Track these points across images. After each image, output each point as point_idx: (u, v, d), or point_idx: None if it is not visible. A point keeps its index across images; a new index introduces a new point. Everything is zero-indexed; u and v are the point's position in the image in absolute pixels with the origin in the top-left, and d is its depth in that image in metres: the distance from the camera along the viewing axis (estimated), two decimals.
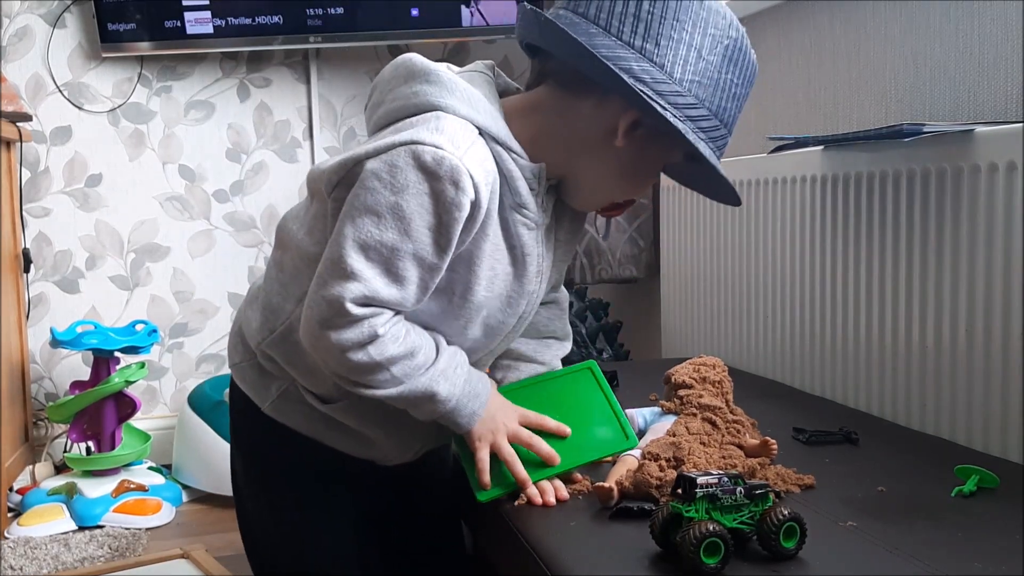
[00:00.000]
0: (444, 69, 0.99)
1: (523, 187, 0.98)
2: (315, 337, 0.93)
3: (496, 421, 1.03)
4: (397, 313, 0.95)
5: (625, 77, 0.91)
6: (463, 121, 0.94)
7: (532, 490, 1.02)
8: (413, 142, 0.90)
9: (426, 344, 0.98)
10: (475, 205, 0.92)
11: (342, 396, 1.04)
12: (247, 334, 1.07)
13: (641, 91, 0.91)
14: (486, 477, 1.03)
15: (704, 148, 0.95)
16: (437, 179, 0.89)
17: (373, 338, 0.92)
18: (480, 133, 0.95)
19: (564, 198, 1.05)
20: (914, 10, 1.46)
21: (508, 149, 0.97)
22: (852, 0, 1.60)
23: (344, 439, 1.07)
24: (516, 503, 1.03)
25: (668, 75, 0.93)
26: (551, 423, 1.07)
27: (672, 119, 0.92)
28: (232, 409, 1.14)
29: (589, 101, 0.98)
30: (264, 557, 1.15)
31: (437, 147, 0.89)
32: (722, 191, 1.03)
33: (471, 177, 0.90)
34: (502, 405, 1.06)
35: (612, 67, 0.91)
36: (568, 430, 1.07)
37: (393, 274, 0.91)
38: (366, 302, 0.91)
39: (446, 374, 0.98)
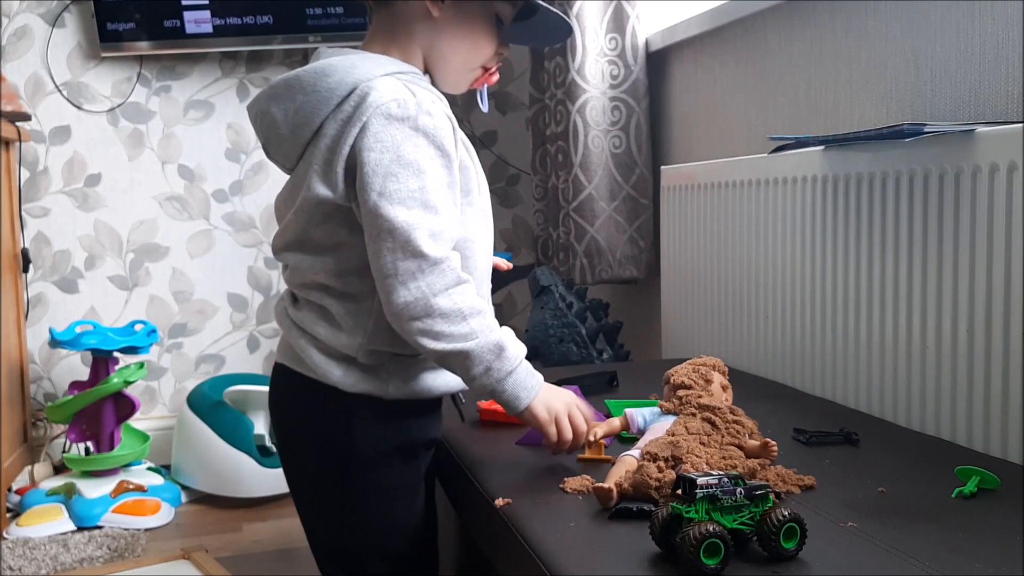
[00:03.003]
0: (323, 65, 1.07)
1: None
2: (402, 299, 1.00)
3: (550, 402, 1.10)
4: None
5: None
6: (385, 77, 1.06)
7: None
8: (376, 107, 1.02)
9: (490, 309, 1.07)
10: (449, 119, 1.07)
11: None
12: (337, 347, 1.09)
13: None
14: (576, 442, 1.11)
15: None
16: (411, 118, 1.03)
17: (457, 282, 1.03)
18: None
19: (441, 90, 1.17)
20: (915, 10, 1.46)
21: (420, 79, 1.11)
22: (853, 0, 1.60)
23: (451, 378, 1.14)
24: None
25: None
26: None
27: None
28: (343, 426, 1.11)
29: (399, 2, 1.12)
30: (372, 547, 1.16)
31: (393, 98, 1.03)
32: (553, 26, 1.18)
33: (432, 103, 1.06)
34: (558, 392, 1.12)
35: None
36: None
37: (432, 207, 1.02)
38: (433, 238, 1.01)
39: (512, 338, 1.07)
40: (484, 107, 1.28)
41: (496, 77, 1.20)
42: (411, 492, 1.17)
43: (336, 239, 1.08)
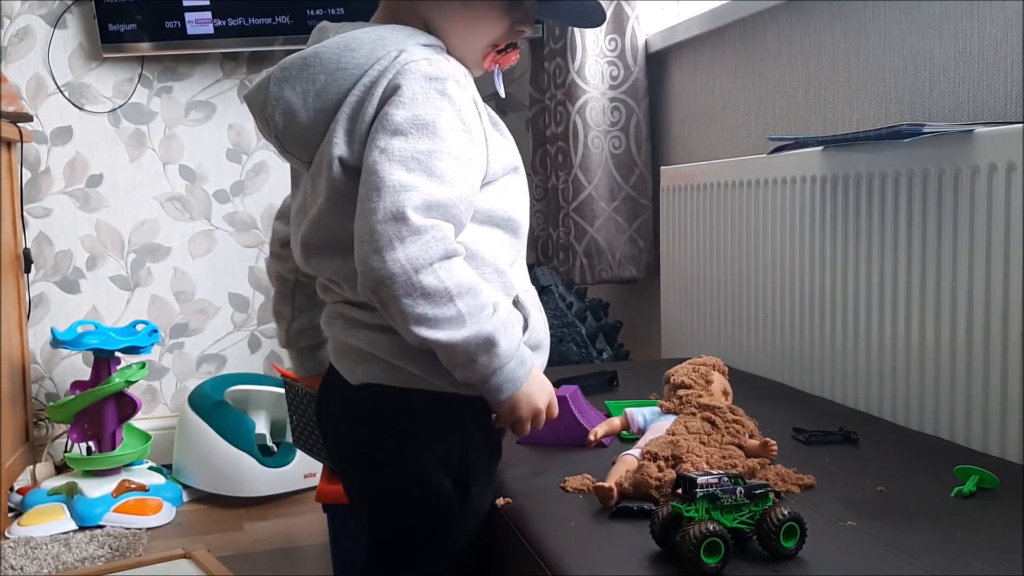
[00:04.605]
0: (347, 39, 0.97)
1: None
2: (380, 271, 0.87)
3: (533, 398, 0.99)
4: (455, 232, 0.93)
5: None
6: (419, 46, 0.98)
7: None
8: (406, 63, 0.94)
9: (487, 288, 0.95)
10: (475, 101, 0.99)
11: None
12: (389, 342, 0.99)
13: None
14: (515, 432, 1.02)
15: None
16: (440, 80, 0.94)
17: (445, 255, 0.89)
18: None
19: None
20: (914, 10, 1.46)
21: (447, 55, 1.01)
22: (852, 0, 1.60)
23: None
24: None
25: None
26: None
27: None
28: (459, 438, 1.02)
29: None
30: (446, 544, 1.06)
31: (425, 58, 0.95)
32: (584, 9, 1.08)
33: (465, 75, 0.99)
34: (542, 383, 1.02)
35: None
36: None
37: (437, 176, 0.91)
38: (426, 208, 0.89)
39: (507, 326, 0.95)
40: (500, 90, 1.15)
41: (514, 58, 1.08)
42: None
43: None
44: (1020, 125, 1.15)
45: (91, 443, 2.33)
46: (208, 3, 2.52)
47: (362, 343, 1.00)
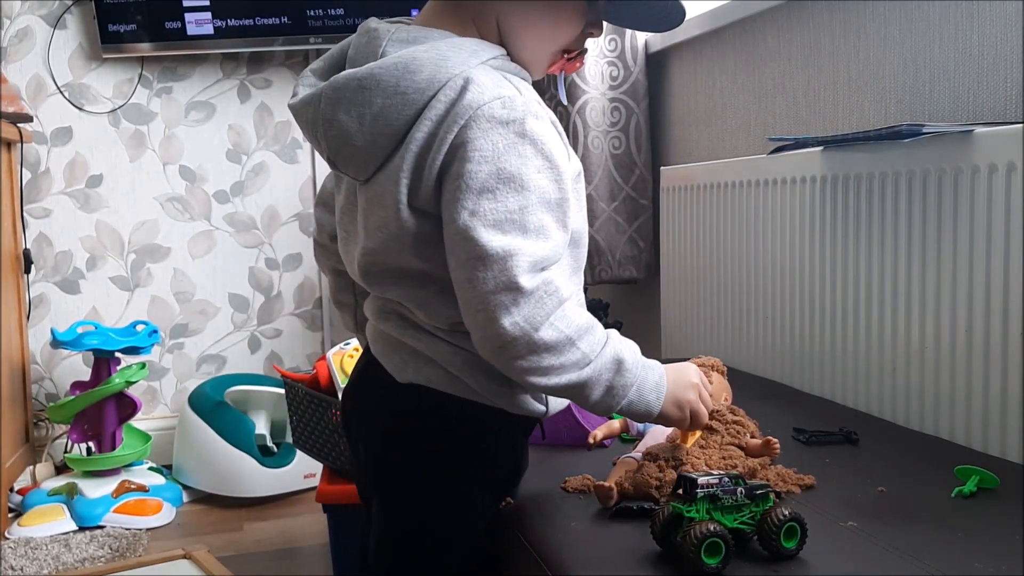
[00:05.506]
0: (406, 59, 0.90)
1: None
2: (499, 337, 0.86)
3: (681, 384, 0.98)
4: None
5: None
6: (482, 68, 0.91)
7: None
8: (477, 107, 0.87)
9: (598, 323, 0.92)
10: (553, 122, 0.94)
11: None
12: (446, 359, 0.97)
13: None
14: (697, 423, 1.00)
15: None
16: (517, 121, 0.88)
17: (558, 304, 0.87)
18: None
19: None
20: (914, 11, 1.46)
21: (511, 65, 0.96)
22: (852, 0, 1.60)
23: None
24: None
25: None
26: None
27: None
28: (506, 453, 1.03)
29: None
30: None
31: (497, 97, 0.88)
32: (659, 9, 1.01)
33: (538, 103, 0.91)
34: (677, 368, 1.00)
35: None
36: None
37: (533, 231, 0.87)
38: (532, 268, 0.86)
39: (624, 343, 0.94)
40: (563, 97, 1.11)
41: (580, 64, 1.03)
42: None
43: (444, 267, 0.92)
44: (1020, 125, 1.15)
45: (91, 443, 2.33)
46: (208, 3, 2.52)
47: (421, 345, 0.98)
